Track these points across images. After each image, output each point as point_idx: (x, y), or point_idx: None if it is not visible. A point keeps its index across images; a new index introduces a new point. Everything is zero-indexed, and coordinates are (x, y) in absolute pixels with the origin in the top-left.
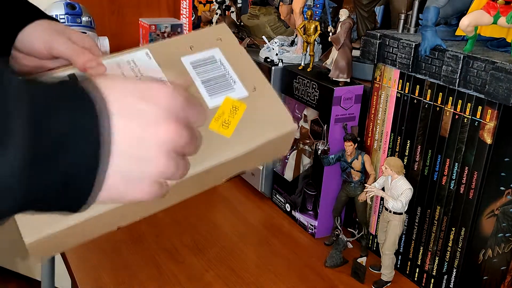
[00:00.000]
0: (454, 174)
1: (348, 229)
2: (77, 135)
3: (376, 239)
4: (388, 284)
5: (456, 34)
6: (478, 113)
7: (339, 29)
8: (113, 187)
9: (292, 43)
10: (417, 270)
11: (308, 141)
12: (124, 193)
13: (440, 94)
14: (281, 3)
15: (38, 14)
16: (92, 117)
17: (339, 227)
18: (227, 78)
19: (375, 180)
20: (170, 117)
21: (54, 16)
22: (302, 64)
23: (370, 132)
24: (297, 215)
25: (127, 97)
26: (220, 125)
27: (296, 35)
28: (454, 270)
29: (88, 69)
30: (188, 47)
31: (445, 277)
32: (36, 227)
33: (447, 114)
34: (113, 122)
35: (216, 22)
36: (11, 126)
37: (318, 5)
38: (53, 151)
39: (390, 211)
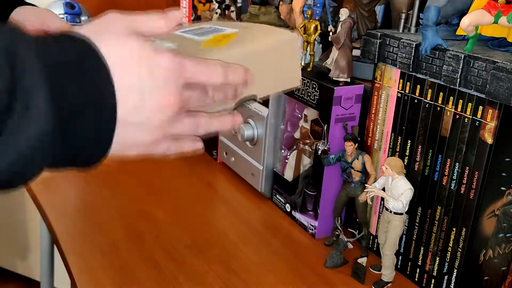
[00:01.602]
0: (455, 174)
1: (349, 229)
2: (92, 104)
3: (376, 240)
4: (388, 285)
5: (456, 33)
6: (479, 113)
7: (339, 28)
8: (120, 148)
9: None
10: (418, 270)
11: (308, 141)
12: (121, 152)
13: (441, 94)
14: (281, 2)
15: (20, 2)
16: (107, 85)
17: (339, 228)
18: (217, 28)
19: (375, 180)
20: (171, 86)
21: None
22: (302, 63)
23: (370, 132)
24: (297, 215)
25: (135, 66)
26: (211, 43)
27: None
28: (455, 271)
29: None
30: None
31: (446, 277)
32: None
33: (448, 114)
34: (122, 89)
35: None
36: (33, 96)
37: (318, 5)
38: (76, 115)
39: (390, 212)
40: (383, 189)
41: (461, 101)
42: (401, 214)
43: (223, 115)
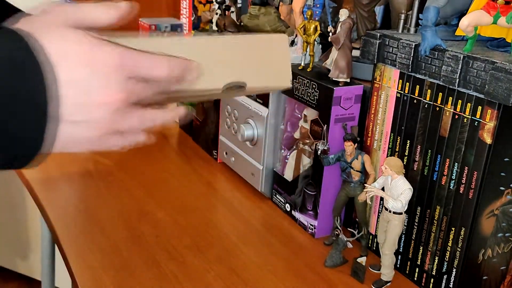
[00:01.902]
0: (454, 174)
1: (348, 229)
2: (22, 100)
3: (376, 239)
4: (388, 284)
5: (456, 34)
6: (478, 113)
7: (339, 29)
8: (63, 145)
9: (292, 43)
10: (417, 270)
11: (308, 141)
12: (65, 150)
13: (440, 94)
14: (281, 3)
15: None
16: (39, 81)
17: (339, 227)
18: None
19: (375, 180)
20: (112, 80)
21: None
22: (302, 64)
23: (370, 132)
24: (297, 215)
25: (74, 62)
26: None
27: (296, 35)
28: (454, 270)
29: None
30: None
31: (445, 277)
32: None
33: (447, 114)
34: (58, 86)
35: (216, 22)
36: None
37: (318, 5)
38: (3, 111)
39: (390, 211)
40: (383, 189)
41: (460, 101)
42: (401, 213)
43: (166, 108)
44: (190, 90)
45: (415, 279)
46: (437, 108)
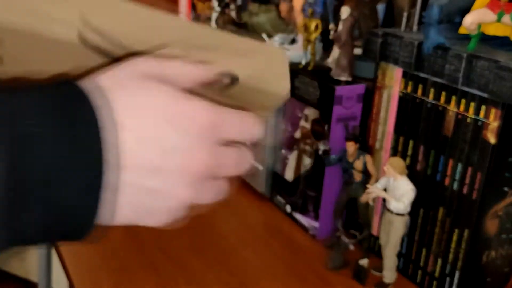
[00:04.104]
0: (457, 175)
1: (350, 230)
2: (69, 168)
3: (378, 241)
4: (390, 286)
5: (459, 32)
6: (482, 112)
7: (340, 27)
8: (122, 216)
9: (293, 41)
10: (420, 272)
11: (309, 141)
12: (136, 221)
13: (443, 93)
14: (281, 0)
15: None
16: (92, 141)
17: (340, 229)
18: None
19: (377, 180)
20: (199, 143)
21: None
22: (303, 62)
23: (372, 132)
24: (297, 216)
25: (148, 118)
26: None
27: (297, 33)
28: (457, 272)
29: None
30: None
31: (448, 279)
32: None
33: (450, 114)
34: (123, 148)
35: (216, 20)
36: None
37: (319, 3)
38: (37, 187)
39: (392, 212)
40: (385, 190)
41: (463, 100)
42: (403, 215)
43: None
44: None
45: (418, 281)
46: (440, 108)
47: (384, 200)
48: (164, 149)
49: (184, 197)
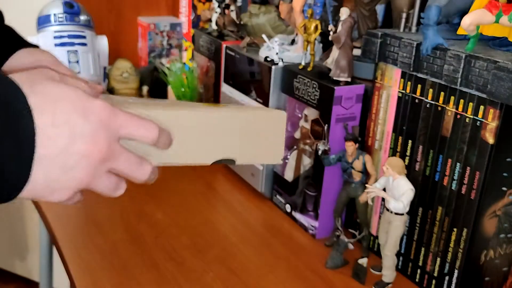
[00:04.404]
0: (456, 175)
1: (349, 230)
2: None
3: (377, 240)
4: (389, 285)
5: (457, 33)
6: (480, 112)
7: (340, 28)
8: (35, 187)
9: (293, 42)
10: (419, 271)
11: (308, 141)
12: (42, 194)
13: (442, 93)
14: (281, 1)
15: (17, 43)
16: (17, 122)
17: (340, 228)
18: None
19: (376, 180)
20: (102, 134)
21: (52, 16)
22: (303, 63)
23: (371, 132)
24: (297, 215)
25: (63, 106)
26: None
27: (297, 34)
28: (456, 271)
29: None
30: None
31: (447, 278)
32: None
33: (449, 114)
34: (41, 126)
35: (216, 21)
36: None
37: (318, 4)
38: None
39: (391, 212)
40: (384, 190)
41: (462, 101)
42: (402, 214)
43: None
44: (177, 163)
45: (417, 280)
46: (439, 108)
47: (383, 199)
48: (73, 133)
49: (82, 178)
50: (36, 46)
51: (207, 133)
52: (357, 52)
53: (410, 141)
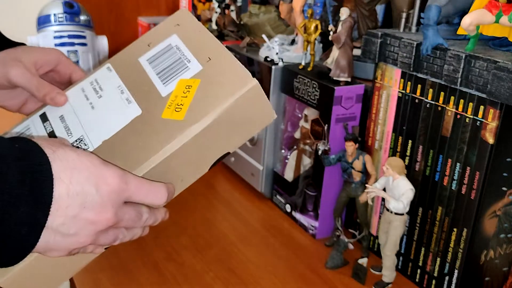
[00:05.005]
0: (456, 175)
1: (349, 230)
2: (21, 205)
3: (377, 240)
4: (389, 285)
5: (457, 33)
6: (480, 112)
7: (339, 28)
8: (44, 251)
9: (293, 42)
10: (419, 271)
11: (308, 141)
12: (42, 253)
13: (442, 93)
14: (281, 1)
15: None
16: (38, 188)
17: (340, 228)
18: (182, 60)
19: (376, 180)
20: (110, 204)
21: (52, 16)
22: (303, 63)
23: (371, 132)
24: (297, 215)
25: (79, 174)
26: (172, 111)
27: (297, 34)
28: (456, 271)
29: (48, 102)
30: (146, 46)
31: (447, 278)
32: None
33: (449, 114)
34: (57, 194)
35: (216, 21)
36: None
37: (318, 4)
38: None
39: (391, 212)
40: (384, 190)
41: (462, 101)
42: (402, 214)
43: (136, 230)
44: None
45: (417, 280)
46: (439, 108)
47: (383, 199)
48: (84, 203)
49: (84, 243)
50: (17, 43)
51: (199, 149)
52: (357, 52)
53: (410, 141)
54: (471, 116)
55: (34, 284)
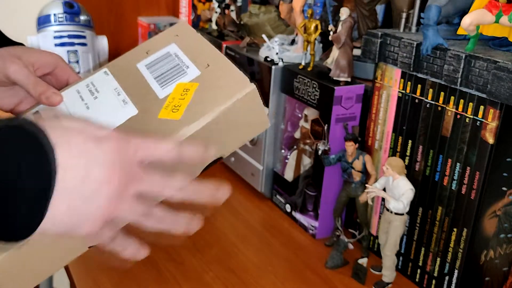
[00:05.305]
0: (456, 175)
1: (349, 230)
2: (24, 173)
3: (377, 240)
4: (389, 285)
5: (457, 33)
6: (480, 112)
7: (339, 28)
8: (58, 219)
9: (293, 42)
10: (418, 271)
11: (308, 141)
12: (69, 227)
13: (442, 93)
14: (281, 1)
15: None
16: (38, 156)
17: (340, 228)
18: (180, 66)
19: (376, 180)
20: (118, 160)
21: (52, 16)
22: (303, 63)
23: (371, 132)
24: (297, 215)
25: (76, 137)
26: (169, 111)
27: (297, 34)
28: (456, 271)
29: (43, 101)
30: (145, 53)
31: (447, 278)
32: None
33: (449, 114)
34: (59, 159)
35: (216, 21)
36: None
37: (318, 4)
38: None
39: (391, 212)
40: (384, 189)
41: (462, 101)
42: (402, 214)
43: (180, 214)
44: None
45: (417, 280)
46: (439, 108)
47: (383, 199)
48: (89, 162)
49: (105, 206)
50: (16, 43)
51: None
52: (357, 52)
53: (410, 141)
54: (471, 116)
55: (19, 274)
